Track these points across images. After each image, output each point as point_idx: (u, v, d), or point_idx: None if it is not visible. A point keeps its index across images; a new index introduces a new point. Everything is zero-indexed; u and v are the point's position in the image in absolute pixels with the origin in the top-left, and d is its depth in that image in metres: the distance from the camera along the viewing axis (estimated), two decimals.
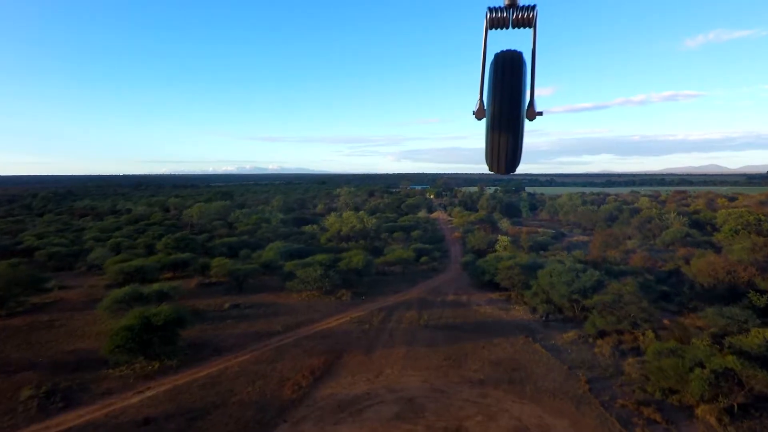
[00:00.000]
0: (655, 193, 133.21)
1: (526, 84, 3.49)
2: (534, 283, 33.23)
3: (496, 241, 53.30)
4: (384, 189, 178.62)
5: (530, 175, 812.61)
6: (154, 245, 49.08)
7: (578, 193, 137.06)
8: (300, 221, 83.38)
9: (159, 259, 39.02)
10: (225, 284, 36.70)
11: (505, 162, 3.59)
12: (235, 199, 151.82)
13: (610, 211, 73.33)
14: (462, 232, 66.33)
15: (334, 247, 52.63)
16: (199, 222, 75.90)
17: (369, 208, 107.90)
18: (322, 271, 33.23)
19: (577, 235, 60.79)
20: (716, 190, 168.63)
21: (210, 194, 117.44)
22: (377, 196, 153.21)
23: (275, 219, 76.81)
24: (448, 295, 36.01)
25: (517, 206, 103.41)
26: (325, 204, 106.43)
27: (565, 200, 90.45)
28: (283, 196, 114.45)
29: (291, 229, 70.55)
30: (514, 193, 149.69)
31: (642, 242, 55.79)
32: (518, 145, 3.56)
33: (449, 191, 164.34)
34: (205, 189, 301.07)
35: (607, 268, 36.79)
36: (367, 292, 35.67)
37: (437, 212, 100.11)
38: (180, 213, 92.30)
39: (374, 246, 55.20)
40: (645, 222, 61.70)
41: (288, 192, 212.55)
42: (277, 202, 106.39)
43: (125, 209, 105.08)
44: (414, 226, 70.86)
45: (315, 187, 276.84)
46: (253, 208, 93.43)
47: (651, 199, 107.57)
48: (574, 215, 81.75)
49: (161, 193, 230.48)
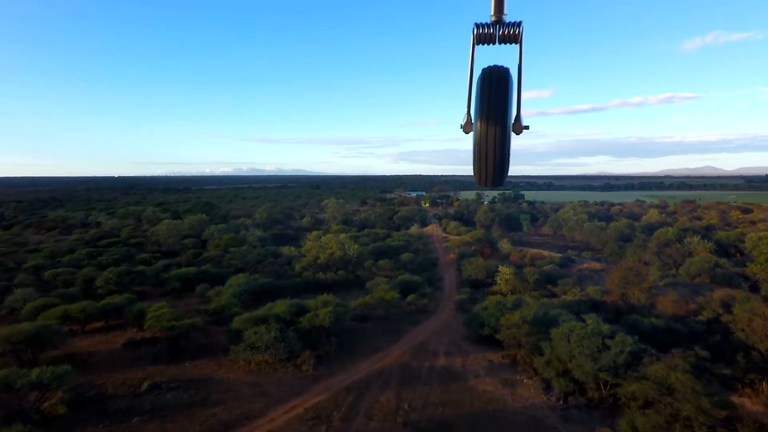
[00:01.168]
0: (661, 202, 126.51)
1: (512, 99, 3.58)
2: (546, 346, 26.12)
3: (496, 271, 46.28)
4: (377, 196, 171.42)
5: (527, 177, 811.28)
6: (95, 279, 41.68)
7: (581, 202, 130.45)
8: (281, 239, 76.17)
9: (84, 308, 31.67)
10: (160, 342, 29.39)
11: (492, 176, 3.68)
12: (220, 208, 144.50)
13: (621, 229, 66.39)
14: (458, 254, 59.27)
15: (309, 281, 45.42)
16: (167, 241, 68.49)
17: (360, 219, 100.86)
18: (277, 332, 25.96)
19: (587, 260, 53.77)
20: (723, 198, 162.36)
21: (191, 204, 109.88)
22: (370, 204, 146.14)
23: (252, 237, 69.51)
24: (438, 356, 28.84)
25: (517, 218, 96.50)
26: (312, 216, 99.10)
27: (570, 214, 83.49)
28: (268, 207, 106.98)
29: (267, 250, 63.34)
30: (513, 202, 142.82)
31: (663, 271, 48.86)
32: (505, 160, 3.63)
33: (445, 199, 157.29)
34: (196, 193, 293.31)
35: (633, 322, 29.72)
36: (336, 353, 28.46)
37: (431, 226, 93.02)
38: (152, 226, 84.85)
39: (356, 275, 48.06)
40: (663, 245, 54.81)
41: (278, 198, 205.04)
42: (260, 215, 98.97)
43: (95, 222, 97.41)
44: (404, 247, 63.72)
45: (308, 192, 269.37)
46: (231, 223, 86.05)
47: (660, 211, 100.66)
48: (580, 232, 74.78)
49: (149, 199, 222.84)
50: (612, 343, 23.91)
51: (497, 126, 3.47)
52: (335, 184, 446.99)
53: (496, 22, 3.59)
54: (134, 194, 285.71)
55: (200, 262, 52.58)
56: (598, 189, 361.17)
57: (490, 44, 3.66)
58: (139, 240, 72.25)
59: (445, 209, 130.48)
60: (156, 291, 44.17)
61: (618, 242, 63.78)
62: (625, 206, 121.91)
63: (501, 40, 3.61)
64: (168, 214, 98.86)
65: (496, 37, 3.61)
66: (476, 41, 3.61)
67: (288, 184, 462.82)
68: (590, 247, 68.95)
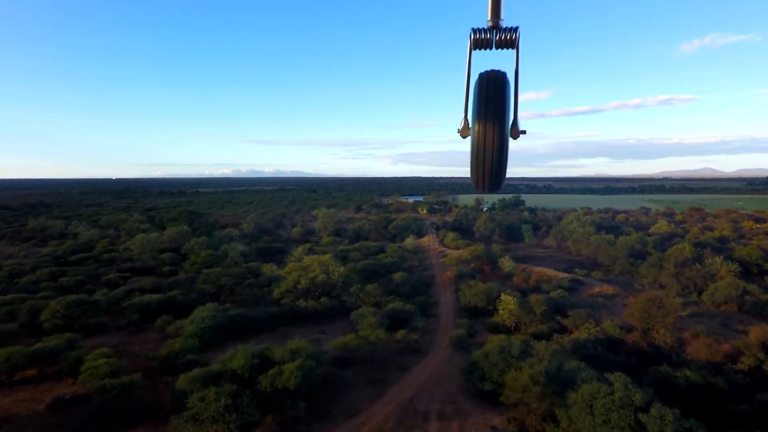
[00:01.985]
0: (668, 209, 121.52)
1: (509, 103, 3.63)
2: (563, 415, 21.14)
3: (497, 297, 41.33)
4: (373, 202, 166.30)
5: (526, 179, 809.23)
6: (41, 310, 36.47)
7: (584, 209, 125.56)
8: (266, 253, 71.11)
9: (9, 356, 26.57)
10: (95, 401, 24.28)
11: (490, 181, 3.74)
12: (210, 215, 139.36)
13: (631, 244, 61.44)
14: (456, 273, 54.31)
15: (286, 311, 40.33)
16: (141, 257, 63.39)
17: (353, 229, 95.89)
18: (228, 399, 20.91)
19: (598, 282, 48.76)
20: (730, 203, 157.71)
21: (176, 212, 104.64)
22: (365, 211, 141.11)
23: (234, 252, 64.45)
24: (429, 420, 23.80)
25: (519, 229, 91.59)
26: (302, 225, 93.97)
27: (575, 225, 78.52)
28: (257, 216, 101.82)
29: (248, 268, 58.34)
30: (513, 209, 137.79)
31: (684, 296, 43.91)
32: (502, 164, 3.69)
33: (443, 205, 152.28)
34: (190, 197, 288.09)
35: (664, 376, 24.73)
36: (306, 417, 23.41)
37: (428, 237, 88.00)
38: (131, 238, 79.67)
39: (341, 301, 43.02)
40: (680, 264, 49.87)
41: (273, 203, 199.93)
42: (248, 225, 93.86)
43: (73, 233, 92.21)
44: (397, 264, 58.70)
45: (304, 196, 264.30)
46: (215, 235, 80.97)
47: (668, 220, 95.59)
48: (587, 246, 69.80)
49: (141, 203, 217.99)
50: (648, 419, 18.92)
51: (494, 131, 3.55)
52: (333, 187, 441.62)
53: (493, 27, 3.70)
54: (127, 198, 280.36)
55: (170, 285, 47.43)
56: (599, 192, 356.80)
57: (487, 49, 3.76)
58: (113, 254, 67.06)
59: (443, 217, 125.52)
60: (113, 323, 39.06)
61: (629, 259, 58.85)
62: (630, 214, 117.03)
63: (498, 45, 3.72)
64: (149, 225, 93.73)
65: (493, 42, 3.71)
66: (473, 46, 3.71)
67: (285, 187, 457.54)
68: (598, 263, 64.01)
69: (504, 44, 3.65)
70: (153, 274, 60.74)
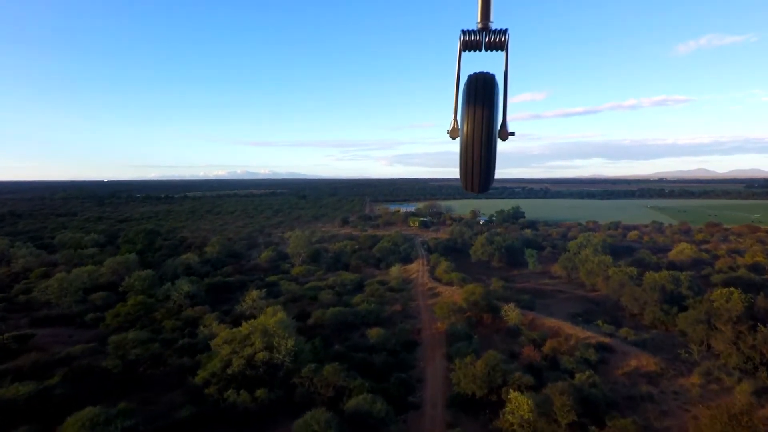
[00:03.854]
0: (682, 225, 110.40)
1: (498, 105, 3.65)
2: None
3: (502, 384, 30.05)
4: (362, 213, 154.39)
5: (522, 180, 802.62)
6: None
7: (590, 224, 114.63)
8: (221, 291, 59.33)
9: None
10: None
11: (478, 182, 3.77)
12: (176, 232, 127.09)
13: (662, 284, 50.33)
14: (447, 329, 42.99)
15: (207, 407, 28.61)
16: (62, 302, 51.38)
17: (333, 252, 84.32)
18: None
19: (633, 349, 37.30)
20: (745, 215, 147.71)
21: (134, 233, 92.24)
22: (351, 225, 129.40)
23: (178, 293, 52.68)
24: None
25: (520, 251, 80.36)
26: (274, 249, 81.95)
27: (587, 252, 67.29)
28: (222, 239, 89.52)
29: (191, 316, 46.80)
30: (512, 222, 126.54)
31: (747, 374, 32.73)
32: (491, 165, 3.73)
33: (437, 217, 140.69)
34: (175, 203, 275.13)
35: None
36: None
37: (417, 262, 76.51)
38: (69, 268, 67.47)
39: (288, 391, 31.36)
40: (734, 321, 38.73)
41: (256, 212, 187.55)
42: (212, 247, 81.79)
43: (6, 260, 79.89)
44: (375, 313, 47.15)
45: (292, 203, 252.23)
46: (168, 264, 69.05)
47: (688, 240, 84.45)
48: (605, 281, 58.58)
49: (119, 212, 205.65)
50: None
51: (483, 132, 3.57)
52: (326, 191, 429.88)
53: (482, 29, 3.72)
54: (109, 204, 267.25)
55: (62, 360, 35.41)
56: (598, 196, 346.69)
57: (476, 51, 3.79)
58: (31, 296, 54.90)
59: (436, 233, 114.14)
60: None
61: (662, 305, 47.72)
62: (642, 230, 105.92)
63: (487, 47, 3.75)
64: (96, 250, 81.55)
65: (483, 44, 3.75)
66: (463, 48, 3.75)
67: (277, 191, 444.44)
68: (621, 306, 52.86)
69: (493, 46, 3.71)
70: (73, 324, 49.03)
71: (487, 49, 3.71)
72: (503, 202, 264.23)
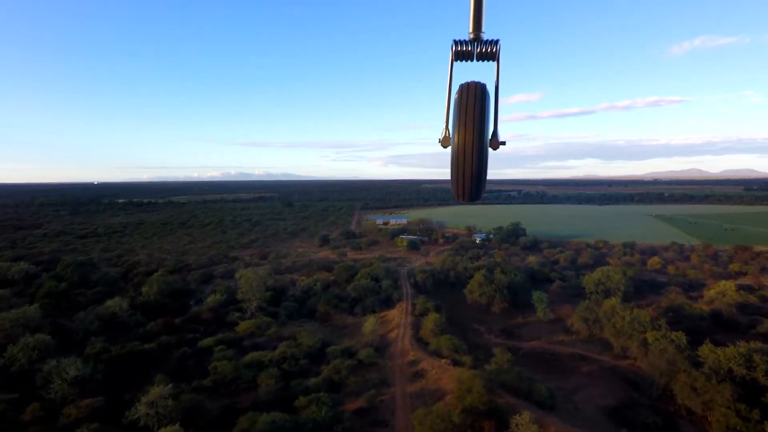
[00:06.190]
0: (706, 247, 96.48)
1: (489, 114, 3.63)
2: None
3: None
4: (345, 230, 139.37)
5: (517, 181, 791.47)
6: None
7: (603, 243, 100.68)
8: (127, 368, 44.29)
9: None
10: None
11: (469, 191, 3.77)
12: (135, 251, 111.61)
13: (729, 366, 36.25)
14: None
15: None
16: None
17: (299, 291, 69.81)
18: None
19: None
20: (763, 228, 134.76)
21: (62, 265, 76.83)
22: (331, 246, 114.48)
23: (60, 379, 37.71)
24: None
25: (524, 290, 66.26)
26: (225, 290, 66.83)
27: (615, 304, 52.92)
28: (162, 277, 74.05)
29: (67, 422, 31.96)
30: (512, 242, 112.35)
31: None
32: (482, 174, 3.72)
33: (429, 234, 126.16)
34: (154, 210, 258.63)
35: None
36: None
37: (399, 309, 61.91)
38: None
39: None
40: None
41: (231, 227, 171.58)
42: (149, 289, 66.49)
43: None
44: (328, 425, 32.48)
45: (277, 211, 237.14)
46: (81, 320, 53.91)
47: (735, 283, 69.37)
48: (641, 350, 44.38)
49: (87, 223, 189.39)
50: None
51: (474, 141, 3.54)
52: (317, 194, 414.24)
53: (474, 40, 3.72)
54: (84, 212, 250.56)
55: None
56: (597, 201, 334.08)
57: (468, 61, 3.79)
58: None
59: (426, 255, 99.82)
60: None
61: (735, 404, 33.60)
62: (664, 256, 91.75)
63: (479, 58, 3.75)
64: (10, 293, 65.86)
65: (474, 54, 3.75)
66: (454, 57, 3.75)
67: (266, 195, 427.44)
68: (670, 391, 38.73)
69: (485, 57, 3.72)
70: None
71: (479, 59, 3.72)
72: (500, 209, 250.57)
